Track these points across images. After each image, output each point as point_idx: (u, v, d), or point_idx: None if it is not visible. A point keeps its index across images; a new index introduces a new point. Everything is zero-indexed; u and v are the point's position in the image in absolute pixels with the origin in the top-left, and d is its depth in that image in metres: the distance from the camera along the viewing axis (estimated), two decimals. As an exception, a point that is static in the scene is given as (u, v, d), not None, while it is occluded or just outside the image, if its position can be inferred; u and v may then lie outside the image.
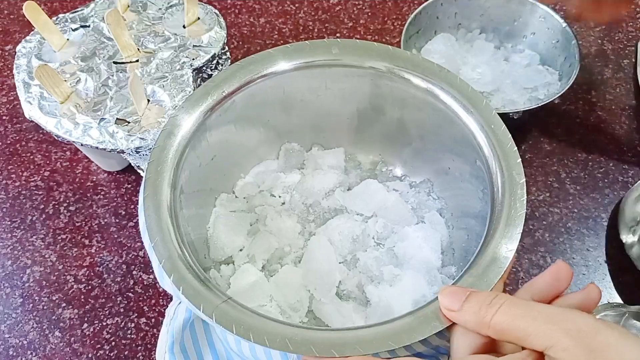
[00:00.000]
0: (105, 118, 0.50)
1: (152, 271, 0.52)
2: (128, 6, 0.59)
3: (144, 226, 0.37)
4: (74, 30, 0.57)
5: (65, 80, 0.52)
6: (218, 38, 0.56)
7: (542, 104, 0.54)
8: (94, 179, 0.60)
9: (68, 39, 0.56)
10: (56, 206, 0.58)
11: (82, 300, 0.52)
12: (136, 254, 0.54)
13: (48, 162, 0.61)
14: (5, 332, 0.50)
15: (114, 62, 0.54)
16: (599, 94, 0.66)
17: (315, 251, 0.47)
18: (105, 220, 0.57)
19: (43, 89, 0.51)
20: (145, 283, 0.53)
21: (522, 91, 0.60)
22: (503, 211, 0.37)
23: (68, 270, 0.54)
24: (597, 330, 0.26)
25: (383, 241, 0.49)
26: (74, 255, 0.55)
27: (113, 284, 0.53)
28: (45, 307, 0.52)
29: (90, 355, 0.49)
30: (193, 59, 0.54)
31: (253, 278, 0.45)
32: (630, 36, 0.71)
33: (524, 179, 0.38)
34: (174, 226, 0.37)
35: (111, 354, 0.49)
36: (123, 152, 0.50)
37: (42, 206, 0.58)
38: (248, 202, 0.51)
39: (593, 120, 0.64)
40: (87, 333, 0.50)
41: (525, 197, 0.37)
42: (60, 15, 0.58)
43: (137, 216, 0.49)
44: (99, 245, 0.55)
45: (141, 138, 0.49)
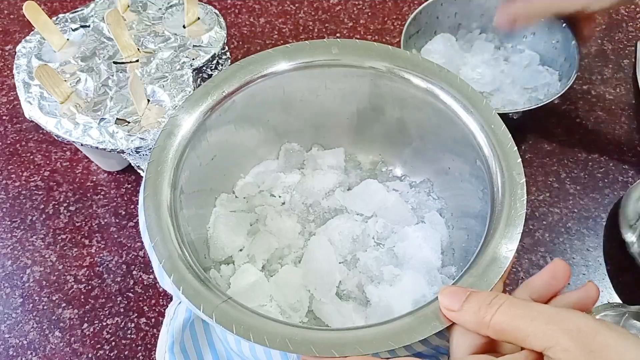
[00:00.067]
0: (105, 118, 0.50)
1: (152, 271, 0.52)
2: (128, 6, 0.59)
3: (144, 226, 0.37)
4: (74, 30, 0.57)
5: (65, 80, 0.52)
6: (218, 38, 0.56)
7: (542, 105, 0.54)
8: (94, 179, 0.60)
9: (68, 39, 0.56)
10: (56, 206, 0.58)
11: (82, 300, 0.52)
12: (136, 254, 0.54)
13: (48, 162, 0.61)
14: (5, 332, 0.50)
15: (114, 62, 0.54)
16: (599, 94, 0.66)
17: (315, 251, 0.48)
18: (105, 220, 0.57)
19: (43, 89, 0.51)
20: (145, 283, 0.53)
21: (522, 91, 0.60)
22: (503, 211, 0.37)
23: (68, 270, 0.54)
24: (597, 330, 0.26)
25: (383, 241, 0.49)
26: (74, 255, 0.55)
27: (113, 284, 0.53)
28: (45, 307, 0.52)
29: (90, 355, 0.49)
30: (193, 59, 0.54)
31: (253, 278, 0.45)
32: (630, 36, 0.71)
33: (524, 179, 0.38)
34: (174, 226, 0.37)
35: (111, 354, 0.49)
36: (123, 152, 0.50)
37: (42, 206, 0.58)
38: (248, 202, 0.51)
39: (593, 120, 0.64)
40: (87, 333, 0.50)
41: (525, 197, 0.37)
42: (60, 15, 0.58)
43: (137, 216, 0.49)
44: (99, 245, 0.55)
45: (141, 138, 0.49)
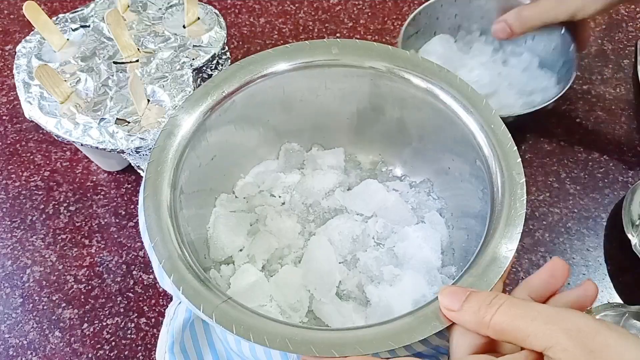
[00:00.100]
0: (105, 118, 0.50)
1: (152, 271, 0.52)
2: (128, 6, 0.59)
3: (144, 226, 0.37)
4: (74, 30, 0.57)
5: (65, 80, 0.52)
6: (218, 38, 0.56)
7: (535, 110, 0.53)
8: (94, 179, 0.60)
9: (68, 39, 0.56)
10: (56, 206, 0.58)
11: (82, 300, 0.52)
12: (136, 254, 0.54)
13: (48, 162, 0.61)
14: (5, 332, 0.50)
15: (114, 62, 0.54)
16: (599, 94, 0.66)
17: (315, 251, 0.48)
18: (105, 220, 0.57)
19: (43, 89, 0.51)
20: (145, 283, 0.53)
21: (519, 94, 0.59)
22: (503, 211, 0.37)
23: (68, 270, 0.54)
24: (597, 330, 0.26)
25: (383, 241, 0.49)
26: (74, 255, 0.55)
27: (113, 284, 0.53)
28: (45, 307, 0.52)
29: (90, 355, 0.49)
30: (193, 59, 0.54)
31: (253, 278, 0.45)
32: (630, 36, 0.71)
33: (524, 179, 0.38)
34: (174, 226, 0.37)
35: (111, 354, 0.49)
36: (123, 152, 0.50)
37: (42, 206, 0.58)
38: (248, 202, 0.51)
39: (593, 120, 0.64)
40: (87, 333, 0.50)
41: (525, 197, 0.37)
42: (60, 15, 0.58)
43: (137, 216, 0.49)
44: (99, 245, 0.55)
45: (141, 138, 0.49)
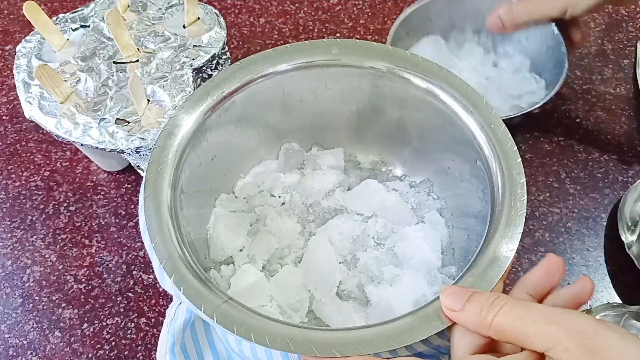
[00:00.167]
0: (105, 118, 0.50)
1: (152, 271, 0.52)
2: (128, 6, 0.59)
3: (145, 226, 0.37)
4: (74, 30, 0.57)
5: (65, 80, 0.52)
6: (218, 38, 0.56)
7: (520, 114, 0.53)
8: (94, 179, 0.60)
9: (68, 39, 0.56)
10: (56, 206, 0.58)
11: (82, 300, 0.52)
12: (136, 254, 0.54)
13: (48, 162, 0.61)
14: (5, 332, 0.50)
15: (114, 62, 0.54)
16: (599, 94, 0.66)
17: (315, 251, 0.48)
18: (105, 220, 0.57)
19: (43, 89, 0.51)
20: (145, 283, 0.53)
21: (507, 98, 0.59)
22: (503, 211, 0.37)
23: (68, 270, 0.54)
24: (598, 331, 0.26)
25: (383, 241, 0.49)
26: (74, 255, 0.55)
27: (113, 284, 0.53)
28: (45, 307, 0.52)
29: (90, 355, 0.49)
30: (193, 59, 0.54)
31: (253, 278, 0.45)
32: (630, 36, 0.71)
33: (524, 179, 0.38)
34: (175, 226, 0.37)
35: (111, 354, 0.49)
36: (123, 152, 0.50)
37: (42, 206, 0.58)
38: (248, 203, 0.51)
39: (593, 120, 0.64)
40: (87, 333, 0.50)
41: (525, 197, 0.37)
42: (60, 15, 0.58)
43: (137, 216, 0.49)
44: (99, 245, 0.55)
45: (141, 138, 0.49)
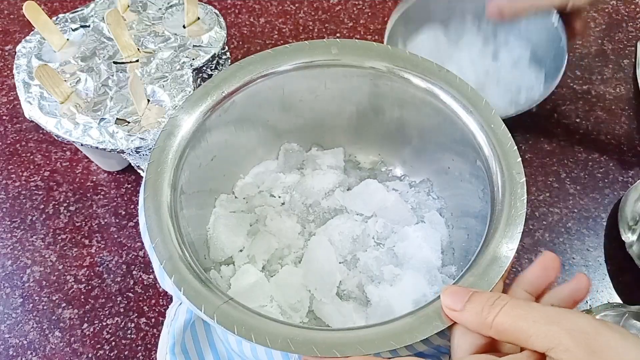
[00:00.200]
0: (105, 118, 0.50)
1: (152, 271, 0.52)
2: (128, 6, 0.59)
3: (145, 227, 0.37)
4: (74, 30, 0.57)
5: (65, 80, 0.52)
6: (218, 38, 0.56)
7: (520, 113, 0.53)
8: (94, 179, 0.60)
9: (68, 39, 0.56)
10: (56, 206, 0.58)
11: (82, 300, 0.52)
12: (136, 254, 0.54)
13: (48, 162, 0.61)
14: (5, 332, 0.50)
15: (114, 62, 0.54)
16: (599, 94, 0.66)
17: (315, 251, 0.47)
18: (105, 220, 0.57)
19: (43, 89, 0.51)
20: (145, 283, 0.53)
21: (505, 93, 0.58)
22: (503, 210, 0.37)
23: (68, 270, 0.54)
24: (598, 331, 0.26)
25: (383, 241, 0.49)
26: (74, 255, 0.54)
27: (113, 284, 0.53)
28: (45, 307, 0.52)
29: (90, 355, 0.49)
30: (193, 59, 0.54)
31: (253, 278, 0.45)
32: (630, 36, 0.71)
33: (524, 178, 0.38)
34: (175, 227, 0.37)
35: (111, 354, 0.49)
36: (123, 152, 0.50)
37: (42, 206, 0.58)
38: (248, 203, 0.51)
39: (593, 120, 0.64)
40: (87, 333, 0.50)
41: (525, 197, 0.37)
42: (60, 15, 0.58)
43: (137, 216, 0.49)
44: (99, 245, 0.55)
45: (141, 138, 0.49)
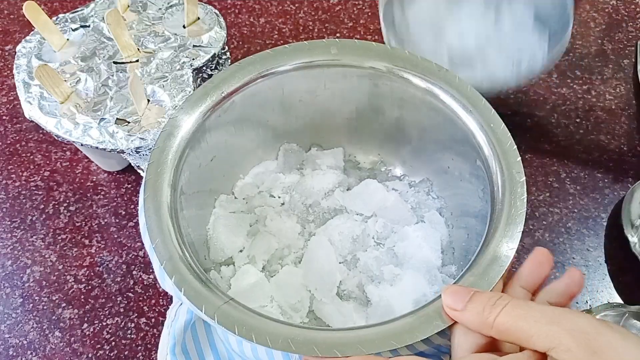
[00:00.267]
0: (105, 118, 0.50)
1: (152, 271, 0.52)
2: (128, 6, 0.59)
3: (145, 228, 0.37)
4: (74, 30, 0.57)
5: (65, 80, 0.52)
6: (218, 38, 0.56)
7: (524, 82, 0.51)
8: (94, 179, 0.60)
9: (68, 39, 0.56)
10: (56, 206, 0.58)
11: (82, 300, 0.52)
12: (136, 254, 0.54)
13: (48, 162, 0.61)
14: (5, 332, 0.50)
15: (114, 62, 0.54)
16: (599, 94, 0.66)
17: (315, 251, 0.48)
18: (105, 220, 0.57)
19: (43, 89, 0.51)
20: (145, 283, 0.53)
21: (507, 62, 0.56)
22: (503, 210, 0.37)
23: (68, 270, 0.54)
24: (599, 331, 0.26)
25: (383, 241, 0.49)
26: (74, 255, 0.54)
27: (113, 284, 0.53)
28: (45, 307, 0.52)
29: (90, 355, 0.49)
30: (193, 59, 0.54)
31: (253, 279, 0.45)
32: (630, 36, 0.71)
33: (524, 178, 0.38)
34: (175, 227, 0.37)
35: (111, 354, 0.49)
36: (123, 152, 0.50)
37: (42, 206, 0.58)
38: (247, 203, 0.51)
39: (593, 120, 0.64)
40: (87, 333, 0.50)
41: (525, 196, 0.37)
42: (60, 15, 0.58)
43: (137, 216, 0.49)
44: (99, 245, 0.55)
45: (141, 138, 0.49)
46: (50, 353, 0.49)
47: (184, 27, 0.57)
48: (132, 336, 0.50)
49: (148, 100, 0.51)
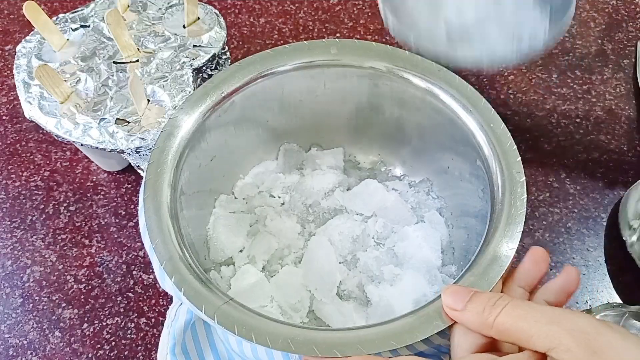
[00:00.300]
0: (105, 118, 0.50)
1: (152, 271, 0.52)
2: (128, 6, 0.59)
3: (145, 228, 0.37)
4: (74, 30, 0.57)
5: (65, 80, 0.52)
6: (218, 38, 0.56)
7: (526, 58, 0.49)
8: (94, 179, 0.60)
9: (68, 39, 0.56)
10: (56, 206, 0.58)
11: (82, 300, 0.52)
12: (136, 254, 0.54)
13: (48, 162, 0.61)
14: (5, 332, 0.50)
15: (114, 62, 0.54)
16: (599, 94, 0.66)
17: (315, 251, 0.48)
18: (105, 220, 0.57)
19: (43, 89, 0.51)
20: (145, 283, 0.53)
21: (507, 37, 0.53)
22: (503, 210, 0.37)
23: (68, 270, 0.54)
24: (599, 331, 0.26)
25: (383, 241, 0.49)
26: (74, 255, 0.54)
27: (113, 284, 0.53)
28: (45, 307, 0.52)
29: (90, 355, 0.49)
30: (193, 59, 0.54)
31: (253, 279, 0.45)
32: (630, 36, 0.71)
33: (524, 178, 0.38)
34: (175, 227, 0.37)
35: (111, 354, 0.49)
36: (123, 152, 0.50)
37: (42, 206, 0.58)
38: (247, 203, 0.51)
39: (593, 120, 0.64)
40: (87, 333, 0.50)
41: (525, 196, 0.38)
42: (60, 15, 0.58)
43: (137, 216, 0.49)
44: (99, 245, 0.55)
45: (141, 138, 0.49)
46: (50, 353, 0.49)
47: (184, 27, 0.57)
48: (132, 336, 0.50)
49: (148, 100, 0.51)
